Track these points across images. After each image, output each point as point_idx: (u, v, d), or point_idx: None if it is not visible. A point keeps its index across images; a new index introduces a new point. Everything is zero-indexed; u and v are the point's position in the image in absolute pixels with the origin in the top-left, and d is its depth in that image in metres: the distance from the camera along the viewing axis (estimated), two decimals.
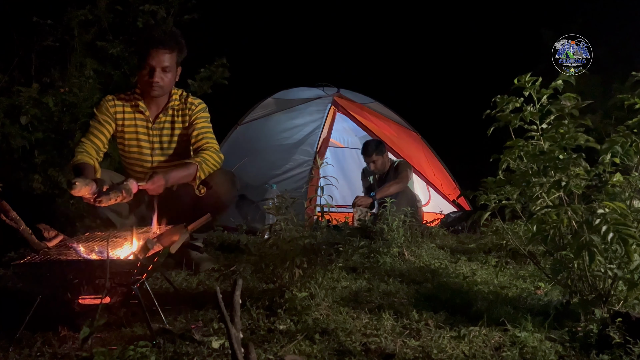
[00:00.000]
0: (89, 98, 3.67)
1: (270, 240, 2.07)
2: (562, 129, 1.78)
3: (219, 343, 1.54)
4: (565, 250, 1.78)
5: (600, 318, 1.67)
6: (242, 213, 4.03)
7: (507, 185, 1.92)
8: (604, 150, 1.76)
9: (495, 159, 1.96)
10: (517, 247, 2.07)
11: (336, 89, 5.37)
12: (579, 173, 1.76)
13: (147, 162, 2.53)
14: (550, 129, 1.84)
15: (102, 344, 1.55)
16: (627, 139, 1.73)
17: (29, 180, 3.53)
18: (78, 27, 3.89)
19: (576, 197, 1.82)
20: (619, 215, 1.59)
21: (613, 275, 1.69)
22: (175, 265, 2.55)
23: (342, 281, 2.36)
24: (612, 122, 2.03)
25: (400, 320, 1.82)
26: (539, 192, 1.80)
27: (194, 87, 4.16)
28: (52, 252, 1.75)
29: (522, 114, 1.88)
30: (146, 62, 2.38)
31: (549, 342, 1.60)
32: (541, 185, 1.78)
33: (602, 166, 1.82)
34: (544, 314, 1.83)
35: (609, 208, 1.61)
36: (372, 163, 4.50)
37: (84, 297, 1.66)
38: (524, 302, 2.06)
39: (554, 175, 1.79)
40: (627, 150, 1.74)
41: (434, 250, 3.16)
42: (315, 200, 2.38)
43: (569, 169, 1.76)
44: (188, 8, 4.15)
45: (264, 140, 4.93)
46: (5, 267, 2.41)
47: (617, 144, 1.73)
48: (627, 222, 1.57)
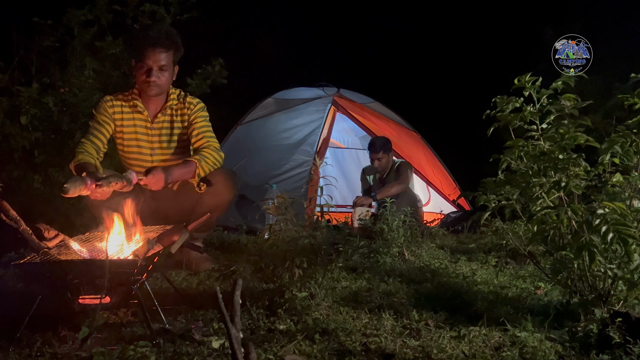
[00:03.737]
0: (89, 98, 3.67)
1: (270, 240, 2.07)
2: (562, 129, 1.78)
3: (219, 343, 1.54)
4: (565, 250, 1.78)
5: (600, 318, 1.67)
6: (242, 213, 4.03)
7: (507, 185, 1.91)
8: (604, 150, 1.76)
9: (495, 159, 1.96)
10: (517, 247, 2.07)
11: (336, 89, 5.36)
12: (579, 173, 1.76)
13: (147, 161, 2.53)
14: (550, 129, 1.84)
15: (102, 344, 1.54)
16: (627, 139, 1.73)
17: (29, 180, 3.53)
18: (78, 27, 3.89)
19: (576, 198, 1.82)
20: (619, 216, 1.58)
21: (613, 275, 1.69)
22: (175, 265, 2.55)
23: (342, 281, 2.36)
24: (613, 122, 2.03)
25: (400, 320, 1.82)
26: (539, 193, 1.80)
27: (193, 87, 4.16)
28: (52, 252, 1.75)
29: (522, 114, 1.88)
30: (143, 62, 2.38)
31: (549, 342, 1.60)
32: (541, 185, 1.78)
33: (601, 166, 1.81)
34: (544, 314, 1.83)
35: (608, 208, 1.61)
36: (377, 160, 4.49)
37: (84, 297, 1.66)
38: (523, 302, 2.06)
39: (554, 175, 1.79)
40: (626, 150, 1.74)
41: (434, 250, 3.16)
42: (315, 200, 2.38)
43: (568, 169, 1.76)
44: (187, 7, 4.15)
45: (264, 140, 4.93)
46: (5, 267, 2.41)
47: (617, 144, 1.73)
48: (627, 222, 1.57)
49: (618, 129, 1.76)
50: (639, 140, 1.72)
